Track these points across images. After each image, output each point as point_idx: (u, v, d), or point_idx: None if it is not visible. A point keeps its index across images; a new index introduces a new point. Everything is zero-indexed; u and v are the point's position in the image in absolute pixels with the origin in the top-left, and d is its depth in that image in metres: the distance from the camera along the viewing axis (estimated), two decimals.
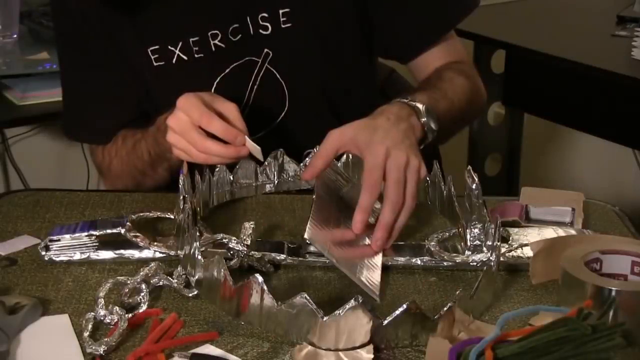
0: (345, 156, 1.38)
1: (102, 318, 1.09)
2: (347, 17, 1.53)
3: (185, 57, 1.50)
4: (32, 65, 2.21)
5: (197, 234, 1.16)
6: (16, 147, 2.71)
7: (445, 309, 1.05)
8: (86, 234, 1.25)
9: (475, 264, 1.24)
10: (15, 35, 2.31)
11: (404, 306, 1.03)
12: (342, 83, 1.58)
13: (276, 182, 1.44)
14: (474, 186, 1.26)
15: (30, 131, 2.69)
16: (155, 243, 1.25)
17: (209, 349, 1.05)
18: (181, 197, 1.22)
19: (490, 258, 1.19)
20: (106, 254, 1.24)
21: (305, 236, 1.11)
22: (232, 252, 1.22)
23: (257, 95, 1.53)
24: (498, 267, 1.19)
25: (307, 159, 1.43)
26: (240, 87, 1.53)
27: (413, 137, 1.27)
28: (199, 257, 1.12)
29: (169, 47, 1.50)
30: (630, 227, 1.38)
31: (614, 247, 1.17)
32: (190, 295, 1.16)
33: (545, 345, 0.95)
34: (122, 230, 1.25)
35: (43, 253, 1.24)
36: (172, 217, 1.32)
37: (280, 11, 1.49)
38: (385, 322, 1.04)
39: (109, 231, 1.25)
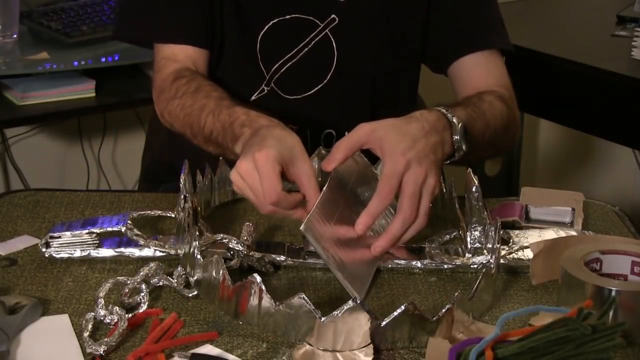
0: None
1: (102, 318, 1.09)
2: (417, 15, 1.54)
3: None
4: (32, 65, 2.21)
5: (197, 233, 1.16)
6: (16, 147, 2.71)
7: (443, 310, 1.05)
8: (87, 231, 1.25)
9: (475, 266, 1.24)
10: (15, 35, 2.31)
11: (403, 307, 1.03)
12: (390, 75, 1.57)
13: None
14: (474, 189, 1.26)
15: (30, 131, 2.69)
16: (156, 242, 1.25)
17: (208, 349, 1.05)
18: (182, 196, 1.21)
19: (490, 260, 1.19)
20: (106, 252, 1.24)
21: (302, 227, 1.11)
22: (232, 252, 1.22)
23: (304, 57, 1.51)
24: (498, 269, 1.18)
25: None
26: (292, 40, 1.51)
27: (440, 153, 1.25)
28: (199, 256, 1.12)
29: None
30: (630, 227, 1.38)
31: (614, 247, 1.18)
32: (190, 295, 1.16)
33: (545, 345, 0.95)
34: (123, 229, 1.25)
35: (43, 250, 1.24)
36: (173, 215, 1.32)
37: None
38: (384, 323, 1.04)
39: (109, 229, 1.25)
